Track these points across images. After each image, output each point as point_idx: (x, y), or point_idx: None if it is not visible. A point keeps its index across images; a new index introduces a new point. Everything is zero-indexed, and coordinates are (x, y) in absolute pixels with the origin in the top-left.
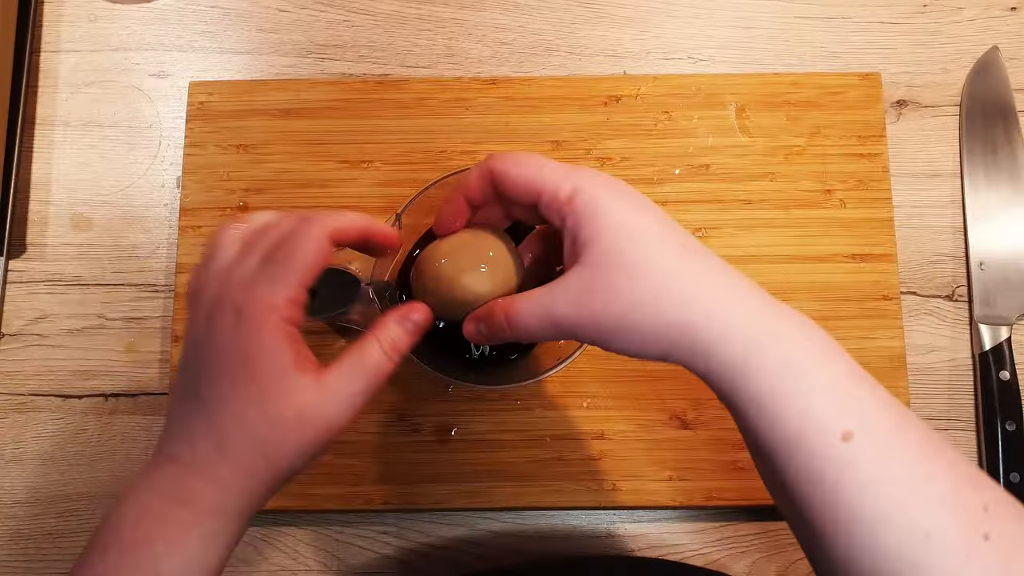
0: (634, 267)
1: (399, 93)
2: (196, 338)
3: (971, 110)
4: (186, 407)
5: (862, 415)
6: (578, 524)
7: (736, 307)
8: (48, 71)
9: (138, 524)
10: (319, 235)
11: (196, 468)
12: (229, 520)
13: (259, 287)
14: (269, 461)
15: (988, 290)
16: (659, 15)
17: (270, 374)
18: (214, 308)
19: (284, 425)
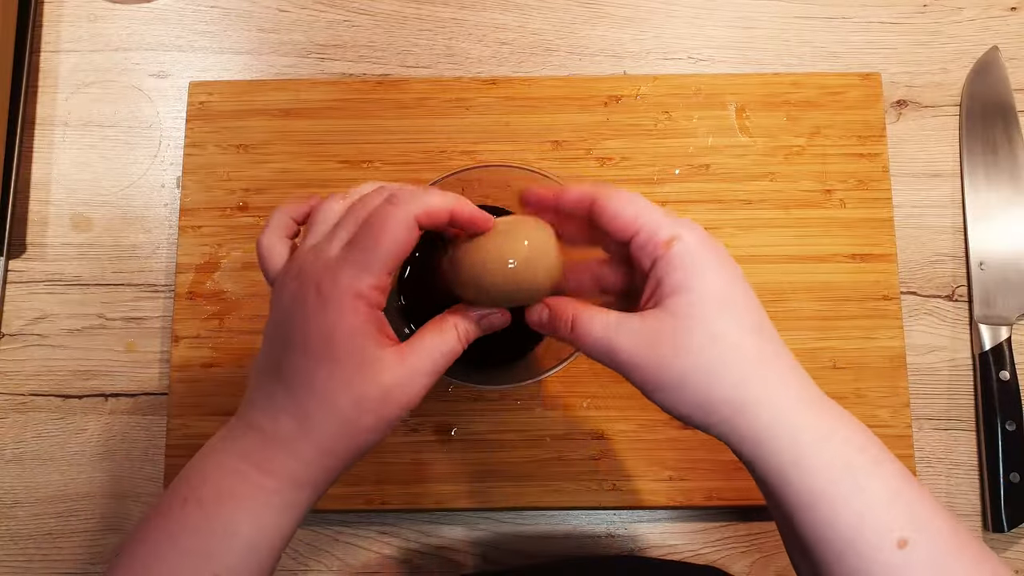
0: (714, 333)
1: (399, 93)
2: (281, 314)
3: (971, 110)
4: (270, 381)
5: (916, 521)
6: (578, 524)
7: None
8: (48, 71)
9: (220, 483)
10: (405, 219)
11: (279, 441)
12: (306, 492)
13: (344, 272)
14: (350, 439)
15: (988, 290)
16: (659, 15)
17: (354, 357)
18: (299, 288)
19: (368, 404)
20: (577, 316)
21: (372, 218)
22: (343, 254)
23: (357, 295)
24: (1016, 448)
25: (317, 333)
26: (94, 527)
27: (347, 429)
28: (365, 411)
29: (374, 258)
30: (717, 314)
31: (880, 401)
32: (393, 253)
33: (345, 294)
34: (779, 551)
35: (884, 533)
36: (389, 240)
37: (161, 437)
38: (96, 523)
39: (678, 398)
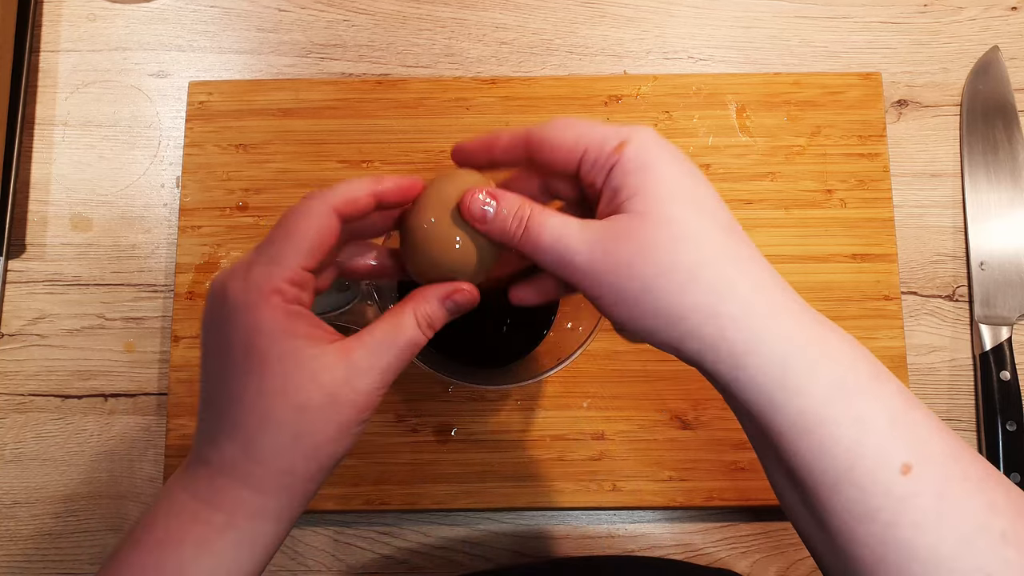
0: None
1: (399, 93)
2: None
3: (971, 110)
4: (208, 409)
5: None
6: (578, 524)
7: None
8: (48, 71)
9: (169, 523)
10: (319, 208)
11: (225, 471)
12: (267, 522)
13: (253, 271)
14: (306, 453)
15: (988, 290)
16: (659, 15)
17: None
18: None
19: (314, 411)
20: (532, 215)
21: (285, 214)
22: (252, 255)
23: (272, 291)
24: (1016, 448)
25: (235, 342)
26: (94, 527)
27: (302, 443)
28: (313, 420)
29: (285, 250)
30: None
31: None
32: (307, 243)
33: (257, 294)
34: (780, 551)
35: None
36: (301, 229)
37: (161, 437)
38: (96, 523)
39: (642, 309)
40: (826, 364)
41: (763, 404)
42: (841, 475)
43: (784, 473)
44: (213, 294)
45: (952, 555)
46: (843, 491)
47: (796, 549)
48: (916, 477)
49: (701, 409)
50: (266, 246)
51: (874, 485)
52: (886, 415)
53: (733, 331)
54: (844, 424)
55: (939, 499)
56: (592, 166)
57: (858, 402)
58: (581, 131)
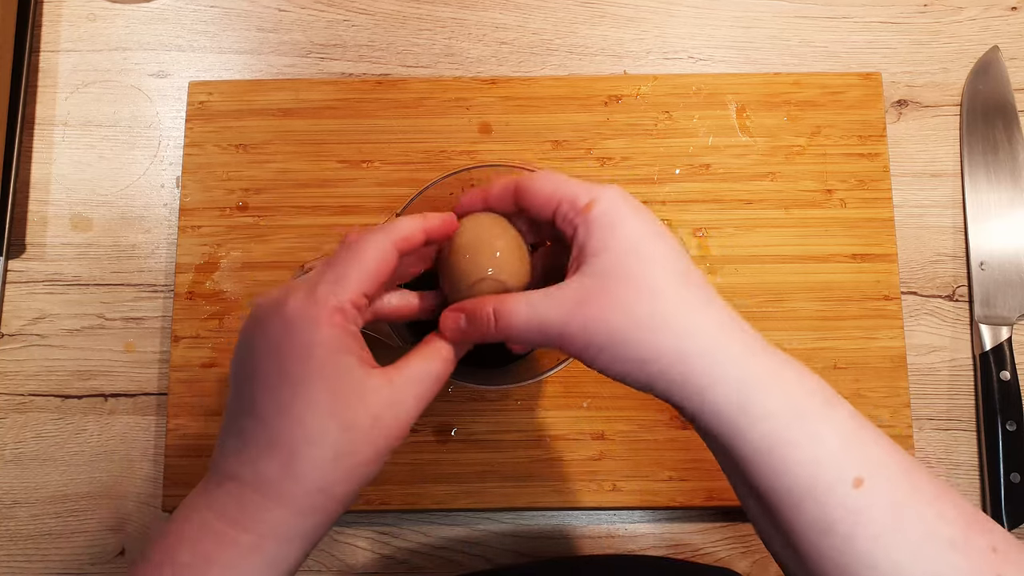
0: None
1: (399, 93)
2: (245, 348)
3: (971, 110)
4: (241, 422)
5: (871, 460)
6: (578, 524)
7: (735, 346)
8: (48, 71)
9: (196, 546)
10: (382, 241)
11: (260, 488)
12: (294, 543)
13: (319, 287)
14: (345, 473)
15: (988, 290)
16: (659, 15)
17: (339, 376)
18: (263, 318)
19: (359, 432)
20: (498, 308)
21: (345, 243)
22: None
23: (335, 310)
24: (1016, 448)
25: (292, 353)
26: (94, 527)
27: (342, 462)
28: (358, 440)
29: (351, 273)
30: (640, 267)
31: (880, 401)
32: (370, 271)
33: (322, 307)
34: None
35: (838, 477)
36: (366, 258)
37: (161, 437)
38: (96, 523)
39: (615, 357)
40: (783, 392)
41: (728, 432)
42: (803, 492)
43: (753, 496)
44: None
45: (906, 562)
46: (805, 507)
47: None
48: (868, 490)
49: None
50: (331, 268)
51: (831, 499)
52: (839, 435)
53: (698, 369)
54: (802, 445)
55: (891, 510)
56: (564, 219)
57: (813, 424)
58: (557, 186)
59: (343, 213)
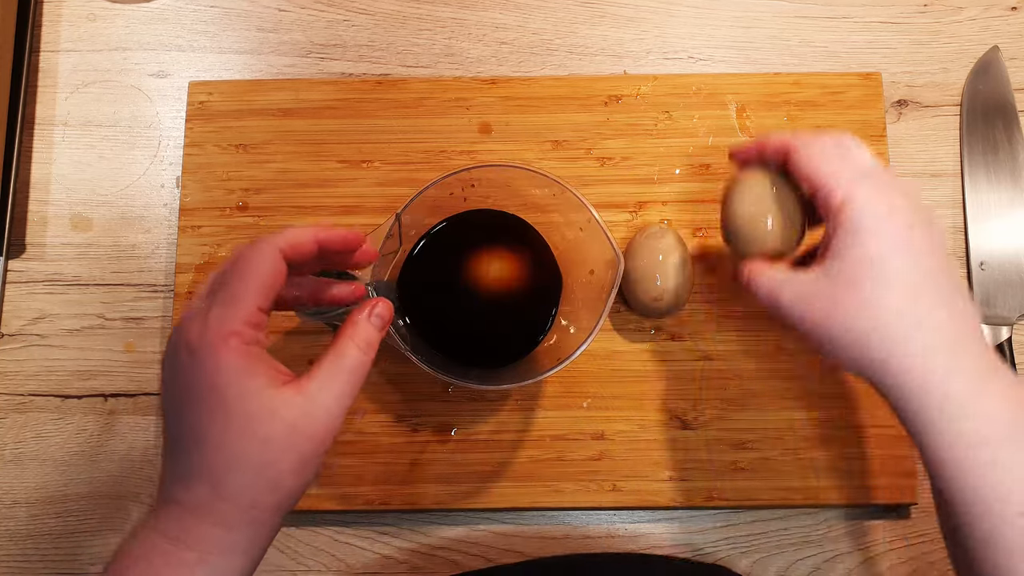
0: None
1: (399, 93)
2: (165, 383)
3: (971, 110)
4: (173, 451)
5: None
6: (578, 524)
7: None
8: (48, 71)
9: (146, 564)
10: (266, 251)
11: (195, 509)
12: (236, 556)
13: (211, 315)
14: (271, 484)
15: (988, 290)
16: (659, 15)
17: (246, 399)
18: (172, 349)
19: (277, 443)
20: (752, 271)
21: (235, 258)
22: (207, 303)
23: (229, 334)
24: None
25: (201, 385)
26: (94, 527)
27: (264, 477)
28: (277, 452)
29: (239, 292)
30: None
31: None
32: (259, 284)
33: (216, 336)
34: (780, 551)
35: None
36: (252, 272)
37: (160, 437)
38: (96, 523)
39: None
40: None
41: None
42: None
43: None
44: (173, 339)
45: None
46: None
47: (796, 549)
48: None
49: (701, 409)
50: (220, 289)
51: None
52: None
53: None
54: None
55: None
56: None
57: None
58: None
59: (343, 213)
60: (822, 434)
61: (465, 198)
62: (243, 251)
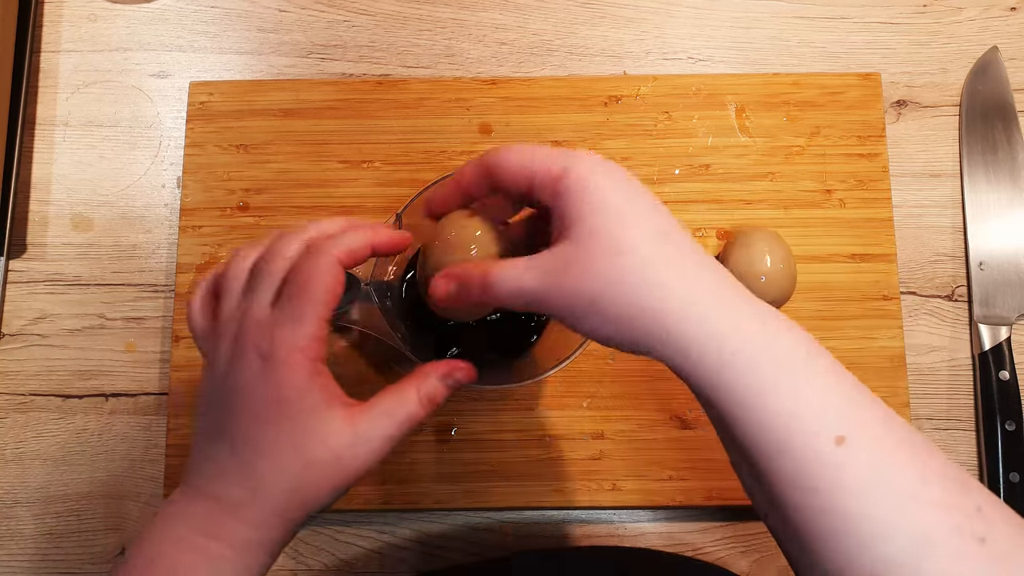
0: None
1: (399, 93)
2: (219, 377)
3: (971, 110)
4: (216, 447)
5: (853, 417)
6: (578, 523)
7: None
8: (48, 71)
9: (175, 556)
10: (330, 265)
11: (230, 509)
12: (261, 554)
13: (281, 329)
14: (303, 501)
15: (988, 290)
16: (659, 15)
17: (303, 417)
18: (236, 350)
19: (320, 468)
20: (486, 273)
21: (297, 271)
22: (276, 312)
23: (298, 350)
24: (1016, 448)
25: (264, 396)
26: (94, 527)
27: (298, 492)
28: (316, 475)
29: (307, 310)
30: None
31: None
32: (325, 301)
33: (287, 351)
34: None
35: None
36: (319, 289)
37: (161, 437)
38: (96, 523)
39: (598, 321)
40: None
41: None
42: (780, 447)
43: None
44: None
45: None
46: (784, 462)
47: None
48: (850, 446)
49: (701, 409)
50: (287, 306)
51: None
52: (820, 388)
53: (677, 326)
54: (784, 398)
55: (873, 467)
56: (540, 190)
57: (795, 378)
58: (526, 158)
59: (343, 213)
60: None
61: None
62: (307, 264)
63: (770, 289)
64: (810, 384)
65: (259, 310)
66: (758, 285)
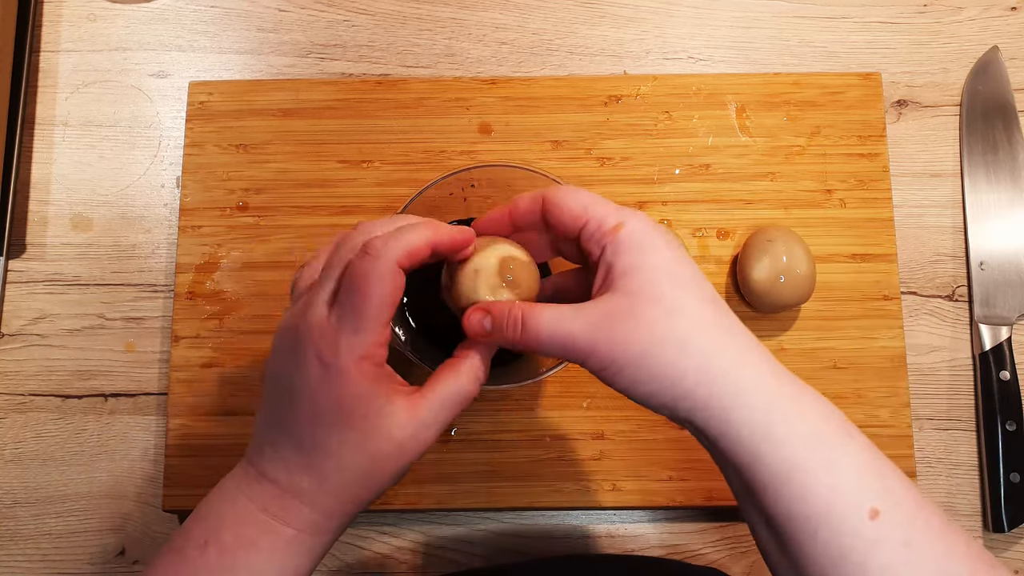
0: (668, 306)
1: (399, 93)
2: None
3: (971, 110)
4: (278, 436)
5: (887, 492)
6: (578, 524)
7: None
8: (48, 71)
9: (240, 530)
10: (387, 269)
11: (296, 495)
12: (326, 535)
13: (342, 339)
14: (368, 488)
15: (988, 290)
16: (659, 15)
17: (367, 420)
18: (298, 352)
19: (385, 459)
20: (526, 313)
21: (353, 276)
22: (336, 320)
23: (361, 358)
24: (1016, 448)
25: (326, 401)
26: (94, 527)
27: (365, 481)
28: (383, 465)
29: (367, 317)
30: (671, 288)
31: (880, 401)
32: (384, 306)
33: (349, 361)
34: None
35: (856, 506)
36: (377, 295)
37: (161, 437)
38: (96, 523)
39: (641, 376)
40: (804, 418)
41: (747, 456)
42: (819, 519)
43: (766, 524)
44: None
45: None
46: (819, 534)
47: None
48: (884, 522)
49: None
50: (348, 315)
51: (846, 528)
52: (855, 464)
53: (722, 389)
54: (820, 472)
55: (905, 544)
56: (591, 238)
57: (832, 452)
58: (587, 203)
59: (343, 213)
60: None
61: (465, 198)
62: (364, 268)
63: (791, 290)
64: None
65: (317, 310)
66: (778, 286)
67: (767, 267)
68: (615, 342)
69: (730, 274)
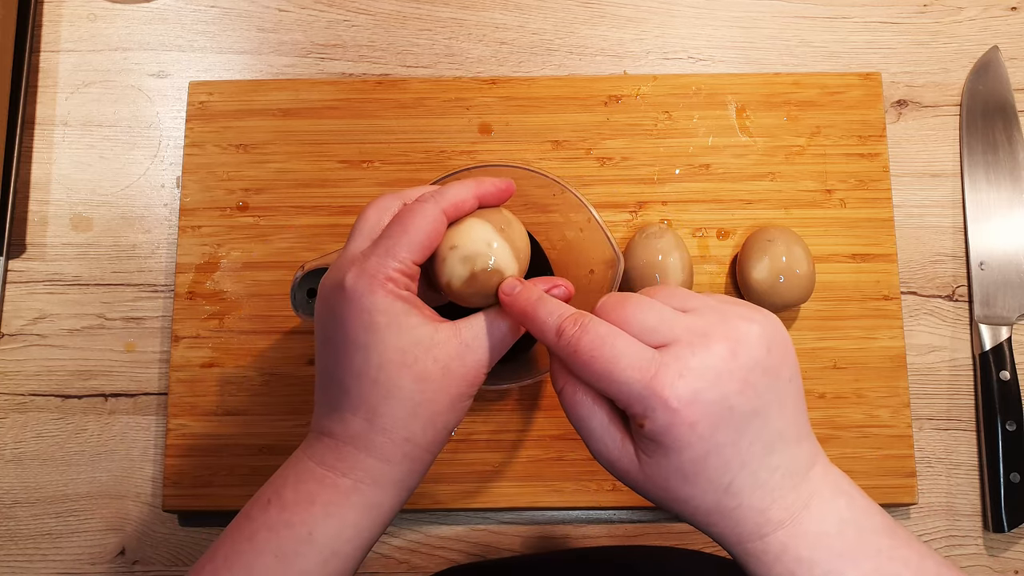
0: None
1: (399, 93)
2: (320, 321)
3: (971, 110)
4: (327, 388)
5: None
6: (578, 524)
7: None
8: (48, 71)
9: (299, 486)
10: (432, 211)
11: (351, 440)
12: (388, 488)
13: (370, 260)
14: (427, 421)
15: (988, 290)
16: (659, 15)
17: (402, 335)
18: (330, 287)
19: (431, 383)
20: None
21: (400, 213)
22: (369, 248)
23: (386, 279)
24: (1016, 448)
25: (355, 323)
26: (94, 527)
27: (421, 412)
28: (432, 390)
29: (400, 244)
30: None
31: (880, 401)
32: (419, 241)
33: (374, 277)
34: None
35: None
36: (414, 228)
37: (161, 437)
38: (96, 523)
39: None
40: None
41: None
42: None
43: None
44: (330, 285)
45: None
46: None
47: None
48: None
49: None
50: (382, 240)
51: None
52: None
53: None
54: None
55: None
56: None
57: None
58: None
59: (343, 213)
60: (821, 434)
61: None
62: (410, 207)
63: (791, 290)
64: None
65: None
66: (778, 286)
67: (767, 267)
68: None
69: (730, 274)
